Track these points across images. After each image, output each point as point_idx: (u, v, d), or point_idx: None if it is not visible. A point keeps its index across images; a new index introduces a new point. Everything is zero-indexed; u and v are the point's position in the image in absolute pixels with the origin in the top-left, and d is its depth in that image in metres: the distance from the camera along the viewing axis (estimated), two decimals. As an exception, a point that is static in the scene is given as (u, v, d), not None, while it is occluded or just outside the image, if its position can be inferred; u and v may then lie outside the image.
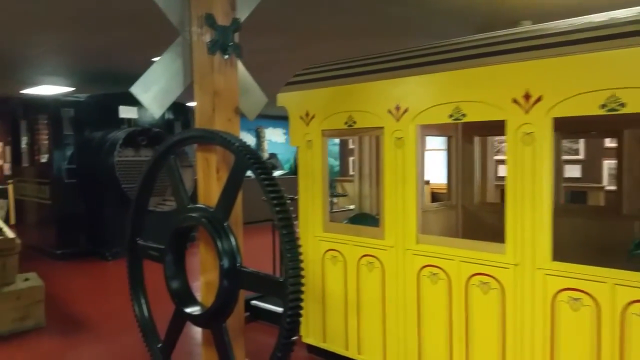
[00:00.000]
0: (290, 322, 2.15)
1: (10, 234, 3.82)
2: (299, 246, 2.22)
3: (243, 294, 2.73)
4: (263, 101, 3.26)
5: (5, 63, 6.97)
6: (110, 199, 7.08)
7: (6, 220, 9.54)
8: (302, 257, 2.21)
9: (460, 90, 2.47)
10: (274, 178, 2.33)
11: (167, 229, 2.85)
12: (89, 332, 4.03)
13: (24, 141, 8.05)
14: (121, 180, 6.86)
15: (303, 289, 2.19)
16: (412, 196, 2.65)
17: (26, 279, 4.04)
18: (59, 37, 5.85)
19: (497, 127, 2.44)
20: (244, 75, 3.08)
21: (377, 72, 2.82)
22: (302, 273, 2.19)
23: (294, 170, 12.14)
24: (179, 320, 2.80)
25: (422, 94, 2.61)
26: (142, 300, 3.08)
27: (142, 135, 7.33)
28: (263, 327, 3.82)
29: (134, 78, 2.79)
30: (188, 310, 2.66)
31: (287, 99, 3.36)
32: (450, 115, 2.50)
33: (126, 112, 7.49)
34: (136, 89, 2.71)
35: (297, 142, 3.32)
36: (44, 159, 7.48)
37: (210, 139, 2.64)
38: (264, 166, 2.37)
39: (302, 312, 2.18)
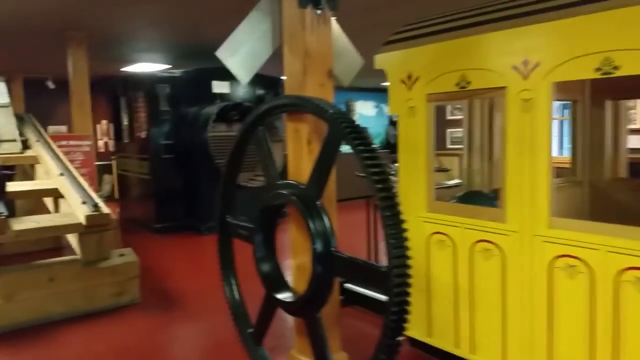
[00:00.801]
0: (396, 319, 1.83)
1: (105, 209, 3.85)
2: (405, 230, 1.88)
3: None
4: (358, 64, 2.92)
5: (106, 41, 7.20)
6: (204, 174, 7.16)
7: (111, 195, 10.13)
8: (408, 244, 1.87)
9: (612, 36, 1.95)
10: (374, 150, 2.00)
11: (258, 206, 2.65)
12: (183, 309, 4.01)
13: (125, 118, 8.38)
14: (214, 155, 6.89)
15: (410, 280, 1.85)
16: (543, 171, 2.19)
17: (121, 255, 4.08)
18: (154, 9, 5.86)
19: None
20: (338, 35, 2.75)
21: (499, 21, 2.35)
22: (409, 262, 1.85)
23: (385, 145, 11.68)
24: (270, 306, 2.60)
25: (559, 44, 2.12)
26: (232, 282, 2.92)
27: (234, 110, 7.30)
28: (359, 313, 3.54)
29: None
30: (279, 296, 2.44)
31: (387, 60, 2.98)
32: (598, 69, 2.00)
33: (219, 87, 7.49)
34: (222, 53, 2.49)
35: (397, 110, 2.94)
36: (143, 135, 7.73)
37: (301, 106, 2.35)
38: (363, 136, 2.03)
39: (409, 307, 1.85)
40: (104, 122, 12.74)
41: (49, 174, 4.69)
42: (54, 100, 12.25)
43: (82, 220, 3.78)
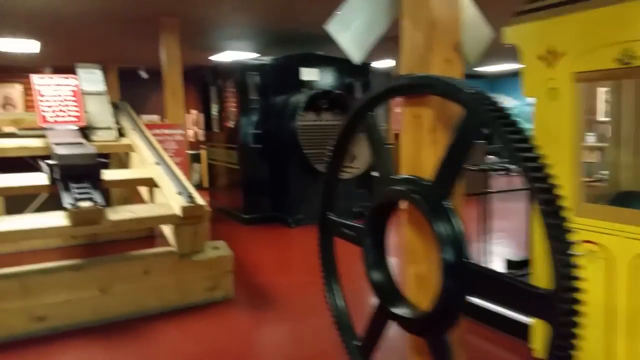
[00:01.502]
0: (563, 356, 1.43)
1: (200, 200, 3.71)
2: (573, 244, 1.47)
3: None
4: (488, 37, 2.49)
5: (197, 28, 7.21)
6: (292, 164, 6.98)
7: (199, 184, 10.29)
8: (577, 261, 1.46)
9: None
10: (529, 140, 1.60)
11: (349, 198, 2.36)
12: (277, 308, 3.81)
13: (214, 107, 8.41)
14: (303, 145, 6.69)
15: (581, 306, 1.45)
16: None
17: (215, 248, 3.95)
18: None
19: None
20: (465, 3, 2.35)
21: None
22: (579, 284, 1.45)
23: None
24: (382, 318, 2.28)
25: None
26: (335, 287, 2.63)
27: (323, 98, 7.04)
28: (481, 329, 3.14)
29: (317, 38, 2.30)
30: (396, 310, 2.11)
31: (520, 34, 2.53)
32: None
33: (307, 74, 7.25)
34: (333, 27, 2.18)
35: (534, 92, 2.49)
36: (232, 124, 7.70)
37: (427, 86, 1.99)
38: (513, 122, 1.64)
39: (579, 341, 1.45)
40: (194, 111, 13.05)
41: (144, 162, 4.67)
42: (147, 90, 12.74)
43: (177, 211, 3.68)
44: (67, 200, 3.41)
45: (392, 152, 2.53)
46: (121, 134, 5.25)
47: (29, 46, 8.36)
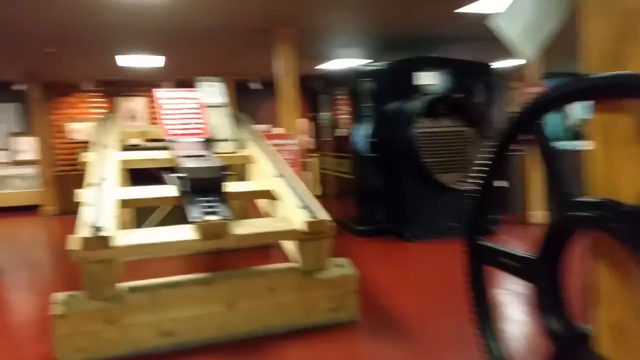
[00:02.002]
0: None
1: (324, 215, 3.53)
2: None
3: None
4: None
5: (309, 37, 7.15)
6: (409, 173, 6.65)
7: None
8: None
9: None
10: None
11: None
12: (407, 337, 3.49)
13: (325, 116, 8.32)
14: (421, 153, 6.33)
15: None
16: None
17: (338, 265, 3.74)
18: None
19: None
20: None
21: None
22: None
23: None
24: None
25: None
26: (492, 331, 2.26)
27: (441, 103, 6.64)
28: None
29: (431, 40, 1.98)
30: (587, 367, 1.72)
31: None
32: None
33: (423, 78, 6.89)
34: (501, 21, 1.85)
35: None
36: (344, 132, 7.55)
37: (629, 88, 1.59)
38: None
39: None
40: (301, 120, 13.16)
41: (264, 174, 4.61)
42: (258, 100, 13.07)
43: (301, 226, 3.52)
44: (194, 213, 3.38)
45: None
46: (240, 145, 5.27)
47: (155, 61, 8.86)
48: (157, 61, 8.88)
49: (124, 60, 8.60)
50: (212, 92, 5.49)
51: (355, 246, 6.49)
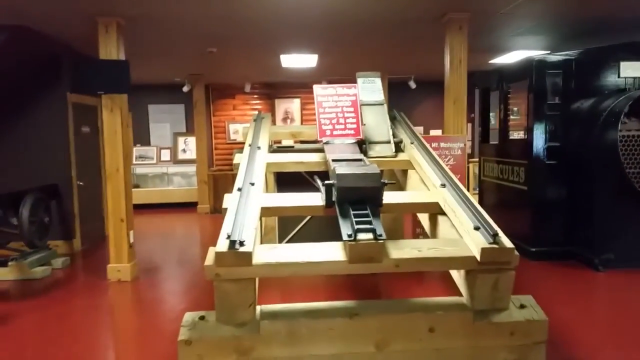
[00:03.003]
0: None
1: (507, 241, 2.77)
2: None
3: None
4: None
5: (484, 24, 6.28)
6: (604, 186, 5.47)
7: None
8: None
9: None
10: None
11: None
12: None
13: (495, 116, 7.34)
14: (625, 162, 5.13)
15: None
16: None
17: (522, 306, 2.93)
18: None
19: None
20: None
21: None
22: None
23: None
24: None
25: None
26: None
27: (653, 99, 5.33)
28: None
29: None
30: None
31: None
32: None
33: (632, 69, 5.60)
34: None
35: None
36: (519, 135, 6.54)
37: None
38: None
39: None
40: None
41: (426, 182, 3.95)
42: (412, 100, 12.39)
43: (474, 252, 2.81)
44: (344, 229, 2.86)
45: None
46: (399, 148, 4.66)
47: (308, 60, 8.70)
48: (310, 60, 8.71)
49: (284, 60, 8.58)
50: (370, 88, 4.97)
51: (528, 272, 5.50)
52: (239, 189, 3.45)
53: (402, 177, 4.80)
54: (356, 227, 2.82)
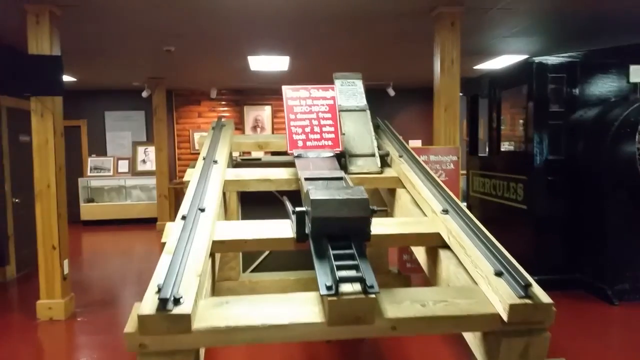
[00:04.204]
0: None
1: (544, 295, 2.06)
2: None
3: None
4: None
5: (472, 23, 5.66)
6: (617, 207, 4.86)
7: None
8: None
9: None
10: None
11: None
12: None
13: (485, 126, 6.72)
14: (642, 179, 4.53)
15: None
16: None
17: (559, 376, 2.22)
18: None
19: None
20: None
21: None
22: None
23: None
24: None
25: None
26: None
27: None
28: None
29: None
30: None
31: None
32: None
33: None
34: None
35: None
36: (515, 147, 5.92)
37: None
38: None
39: None
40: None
41: (421, 206, 3.23)
42: (391, 109, 11.74)
43: (498, 309, 2.09)
44: (322, 277, 2.11)
45: None
46: (383, 162, 3.95)
47: (279, 63, 7.98)
48: (281, 63, 7.99)
49: (252, 62, 7.83)
50: (350, 91, 4.26)
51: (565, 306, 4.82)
52: (183, 217, 2.67)
53: (388, 197, 4.08)
54: (338, 274, 2.07)
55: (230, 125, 4.67)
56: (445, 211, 2.93)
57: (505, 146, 7.16)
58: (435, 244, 2.91)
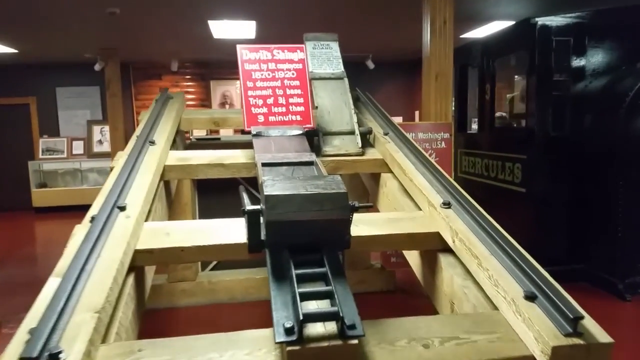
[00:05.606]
0: None
1: (600, 332, 1.45)
2: None
3: None
4: None
5: None
6: (628, 190, 4.30)
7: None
8: None
9: None
10: None
11: None
12: None
13: (477, 99, 6.11)
14: (663, 159, 3.97)
15: None
16: None
17: None
18: None
19: None
20: None
21: None
22: None
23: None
24: None
25: None
26: None
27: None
28: None
29: None
30: None
31: None
32: None
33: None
34: None
35: None
36: (510, 122, 5.32)
37: None
38: None
39: None
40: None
41: (415, 196, 2.61)
42: (370, 84, 11.04)
43: (531, 347, 1.49)
44: (278, 312, 1.46)
45: None
46: (365, 141, 3.30)
47: (245, 29, 7.22)
48: (247, 29, 7.23)
49: (214, 28, 7.05)
50: (324, 56, 3.58)
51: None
52: (92, 219, 1.99)
53: (371, 184, 3.43)
54: (302, 309, 1.42)
55: (179, 99, 3.96)
56: (447, 204, 2.30)
57: (506, 122, 6.58)
58: (432, 246, 2.29)
